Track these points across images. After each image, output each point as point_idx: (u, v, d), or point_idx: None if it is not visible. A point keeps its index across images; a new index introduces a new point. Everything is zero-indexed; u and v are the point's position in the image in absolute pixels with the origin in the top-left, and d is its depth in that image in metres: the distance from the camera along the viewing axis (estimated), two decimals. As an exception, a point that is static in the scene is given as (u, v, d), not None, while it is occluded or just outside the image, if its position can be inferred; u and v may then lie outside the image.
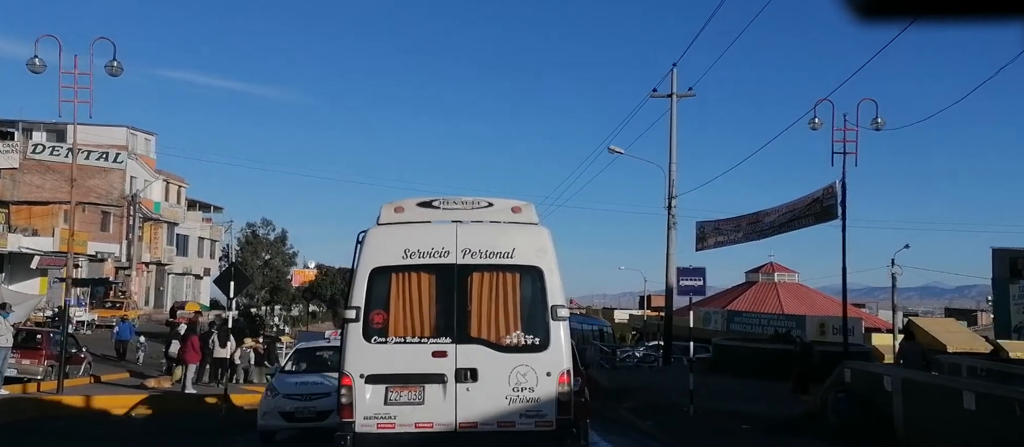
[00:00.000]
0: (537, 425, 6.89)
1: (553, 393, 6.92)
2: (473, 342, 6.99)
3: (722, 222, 24.11)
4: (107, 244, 45.05)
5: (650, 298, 57.88)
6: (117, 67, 16.42)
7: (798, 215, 20.64)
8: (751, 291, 64.17)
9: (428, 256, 7.07)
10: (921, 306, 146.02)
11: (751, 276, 66.21)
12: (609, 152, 26.84)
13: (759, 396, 17.23)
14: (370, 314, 6.98)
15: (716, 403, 16.43)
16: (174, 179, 53.75)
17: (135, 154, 47.88)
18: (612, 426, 16.50)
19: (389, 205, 7.53)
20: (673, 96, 26.33)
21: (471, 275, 7.07)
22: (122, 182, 46.31)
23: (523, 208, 7.59)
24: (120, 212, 46.38)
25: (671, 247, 26.38)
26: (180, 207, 54.73)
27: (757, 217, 22.38)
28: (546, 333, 6.99)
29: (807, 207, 20.33)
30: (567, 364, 6.99)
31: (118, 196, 46.04)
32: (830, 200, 19.64)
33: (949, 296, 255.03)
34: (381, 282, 7.02)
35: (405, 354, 6.94)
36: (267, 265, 65.10)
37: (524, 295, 7.10)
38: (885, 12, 1.42)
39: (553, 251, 7.24)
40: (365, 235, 7.25)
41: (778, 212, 21.55)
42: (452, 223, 7.36)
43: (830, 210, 19.71)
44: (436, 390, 6.90)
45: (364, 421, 6.84)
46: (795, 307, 57.85)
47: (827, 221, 19.94)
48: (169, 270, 54.77)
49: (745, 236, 22.40)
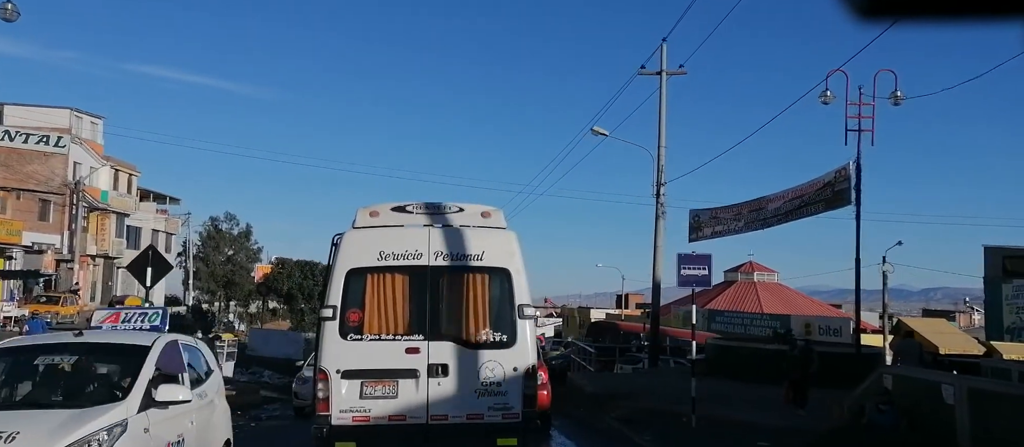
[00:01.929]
0: (504, 417, 7.23)
1: (520, 387, 7.24)
2: (444, 339, 7.28)
3: (720, 210, 21.87)
4: (47, 235, 41.67)
5: (628, 297, 55.85)
6: (11, 10, 13.68)
7: (807, 201, 18.45)
8: (730, 290, 62.58)
9: (402, 258, 7.34)
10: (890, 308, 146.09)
11: (730, 275, 64.69)
12: (592, 134, 24.50)
13: (766, 404, 14.98)
14: (346, 313, 7.23)
15: (720, 411, 14.14)
16: (124, 166, 50.27)
17: (79, 138, 44.48)
18: (601, 440, 14.14)
19: (364, 209, 7.77)
20: (662, 73, 24.09)
21: (443, 276, 7.37)
22: (64, 168, 42.91)
23: (492, 213, 7.89)
24: (62, 201, 42.95)
25: (659, 238, 24.10)
26: (131, 197, 51.24)
27: (760, 203, 20.16)
28: (513, 331, 7.31)
29: (817, 192, 18.15)
30: (533, 360, 7.35)
31: (60, 183, 42.63)
32: (843, 184, 17.51)
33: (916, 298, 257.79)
34: (357, 282, 7.28)
35: (380, 351, 7.20)
36: (230, 261, 61.90)
37: (493, 295, 7.40)
38: (885, 12, 1.43)
39: (520, 254, 7.54)
40: (341, 237, 7.49)
41: (784, 198, 19.34)
42: (424, 227, 7.63)
43: (843, 195, 17.58)
44: (409, 384, 7.19)
45: (340, 414, 7.09)
46: (775, 306, 56.30)
47: (839, 207, 17.81)
48: (119, 264, 51.30)
49: (747, 225, 20.20)
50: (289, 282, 41.70)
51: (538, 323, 48.86)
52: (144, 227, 54.44)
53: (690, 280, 13.13)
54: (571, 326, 57.95)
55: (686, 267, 13.12)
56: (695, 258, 13.30)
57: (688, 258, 13.31)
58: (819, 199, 18.25)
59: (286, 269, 43.12)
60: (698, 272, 13.07)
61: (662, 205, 24.05)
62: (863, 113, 16.91)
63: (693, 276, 13.09)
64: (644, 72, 24.34)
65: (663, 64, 24.02)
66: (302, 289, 44.60)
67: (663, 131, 24.16)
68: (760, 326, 39.99)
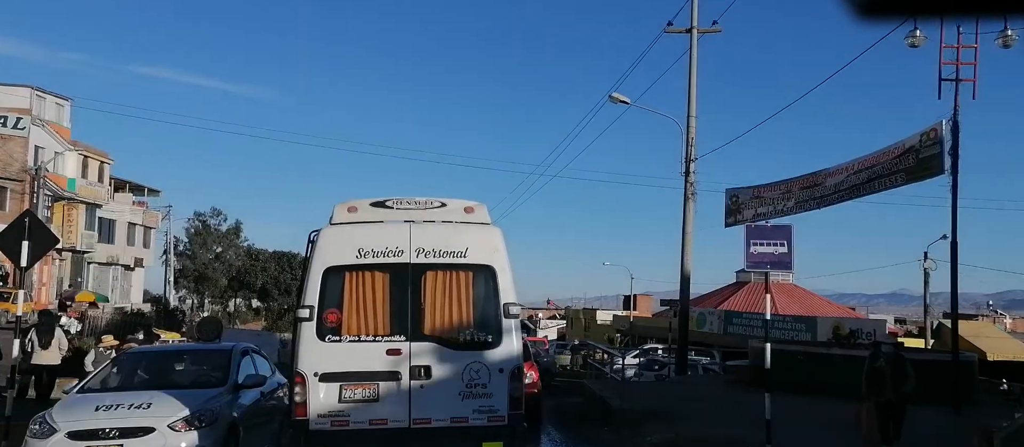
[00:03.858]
0: (490, 420, 6.99)
1: (505, 389, 7.03)
2: (427, 340, 7.07)
3: (763, 188, 18.32)
4: (3, 225, 38.04)
5: (636, 298, 52.26)
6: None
7: (881, 172, 14.90)
8: (743, 291, 59.04)
9: (382, 255, 7.13)
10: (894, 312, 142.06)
11: (742, 276, 61.09)
12: (611, 101, 20.97)
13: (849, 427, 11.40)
14: (324, 313, 7.01)
15: (804, 442, 10.61)
16: (95, 153, 46.60)
17: (42, 120, 40.86)
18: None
19: (342, 205, 7.52)
20: (693, 31, 20.63)
21: (425, 274, 7.15)
22: (24, 152, 39.29)
23: (475, 208, 7.64)
24: (21, 188, 39.30)
25: (688, 223, 20.59)
26: (102, 186, 47.54)
27: (816, 178, 16.61)
28: (498, 331, 7.11)
29: (896, 160, 14.60)
30: (519, 361, 7.13)
31: (19, 168, 39.01)
32: (931, 148, 14.00)
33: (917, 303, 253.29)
34: (335, 281, 7.07)
35: (359, 352, 7.00)
36: (218, 258, 58.13)
37: (477, 293, 7.18)
38: (886, 12, 1.43)
39: (505, 250, 7.32)
40: (318, 234, 7.26)
41: (847, 171, 15.80)
42: (405, 223, 7.36)
43: (931, 163, 14.08)
44: (391, 387, 6.98)
45: (318, 419, 6.88)
46: (791, 308, 52.89)
47: (926, 178, 14.32)
48: (89, 258, 47.69)
49: (798, 205, 16.66)
50: (263, 276, 37.81)
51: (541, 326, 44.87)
52: (119, 220, 50.81)
53: (763, 260, 9.59)
54: (576, 328, 54.44)
55: (757, 243, 9.58)
56: (770, 231, 9.76)
57: (760, 232, 9.77)
58: (897, 169, 14.70)
59: (260, 261, 39.26)
60: (774, 249, 9.52)
61: (692, 184, 20.54)
62: (962, 59, 13.39)
63: (767, 256, 9.55)
64: (672, 29, 20.86)
65: (694, 19, 20.56)
66: (278, 283, 40.54)
67: (693, 98, 20.67)
68: (784, 329, 36.63)
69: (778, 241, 9.53)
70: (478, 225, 7.43)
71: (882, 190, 15.10)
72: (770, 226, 9.80)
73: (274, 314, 39.54)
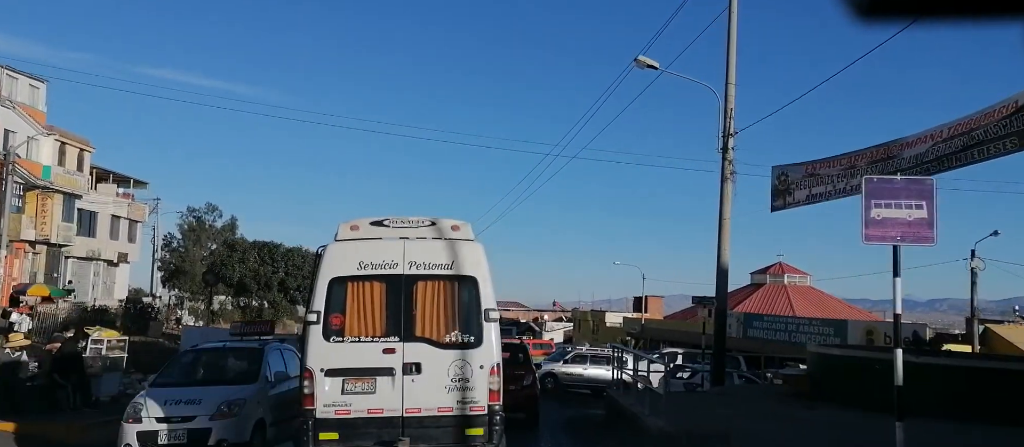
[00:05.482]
0: (471, 410, 7.92)
1: (485, 383, 7.94)
2: (418, 340, 8.02)
3: (818, 163, 15.40)
4: (-32, 213, 35.14)
5: (647, 300, 49.38)
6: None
7: (982, 137, 12.00)
8: (759, 293, 56.44)
9: (379, 268, 8.12)
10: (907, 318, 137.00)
11: (758, 277, 58.58)
12: (636, 65, 18.05)
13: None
14: (329, 317, 7.97)
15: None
16: (73, 140, 43.76)
17: (13, 101, 38.04)
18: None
19: (346, 224, 8.55)
20: (733, -17, 17.74)
21: (416, 284, 8.13)
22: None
23: (461, 227, 8.59)
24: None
25: (726, 207, 17.70)
26: (82, 175, 44.69)
27: (888, 150, 13.68)
28: (480, 332, 8.03)
29: (1004, 121, 11.70)
30: (497, 359, 8.03)
31: (-15, 153, 36.13)
32: (1055, 104, 11.07)
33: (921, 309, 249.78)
34: (339, 290, 8.04)
35: (359, 351, 7.95)
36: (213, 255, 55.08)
37: (462, 300, 8.13)
38: (886, 12, 1.42)
39: (486, 263, 8.25)
40: (325, 249, 8.27)
41: (934, 137, 12.88)
42: (400, 239, 8.36)
43: (1053, 122, 11.14)
44: (386, 381, 7.93)
45: (324, 408, 7.85)
46: (808, 311, 50.24)
47: (1046, 141, 11.37)
48: (67, 253, 44.83)
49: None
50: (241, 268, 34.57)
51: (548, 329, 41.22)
52: (101, 212, 47.97)
53: (890, 231, 6.68)
54: (584, 331, 51.60)
55: (881, 204, 6.68)
56: (901, 188, 6.83)
57: (884, 188, 6.85)
58: (1006, 133, 11.79)
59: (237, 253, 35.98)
60: (908, 214, 6.62)
61: (730, 162, 17.66)
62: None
63: (896, 224, 6.65)
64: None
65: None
66: (258, 277, 36.72)
67: (733, 63, 17.79)
68: (809, 333, 33.72)
69: (914, 202, 6.64)
70: (463, 241, 8.36)
71: (982, 160, 12.20)
72: (901, 181, 6.90)
73: (252, 313, 35.47)
